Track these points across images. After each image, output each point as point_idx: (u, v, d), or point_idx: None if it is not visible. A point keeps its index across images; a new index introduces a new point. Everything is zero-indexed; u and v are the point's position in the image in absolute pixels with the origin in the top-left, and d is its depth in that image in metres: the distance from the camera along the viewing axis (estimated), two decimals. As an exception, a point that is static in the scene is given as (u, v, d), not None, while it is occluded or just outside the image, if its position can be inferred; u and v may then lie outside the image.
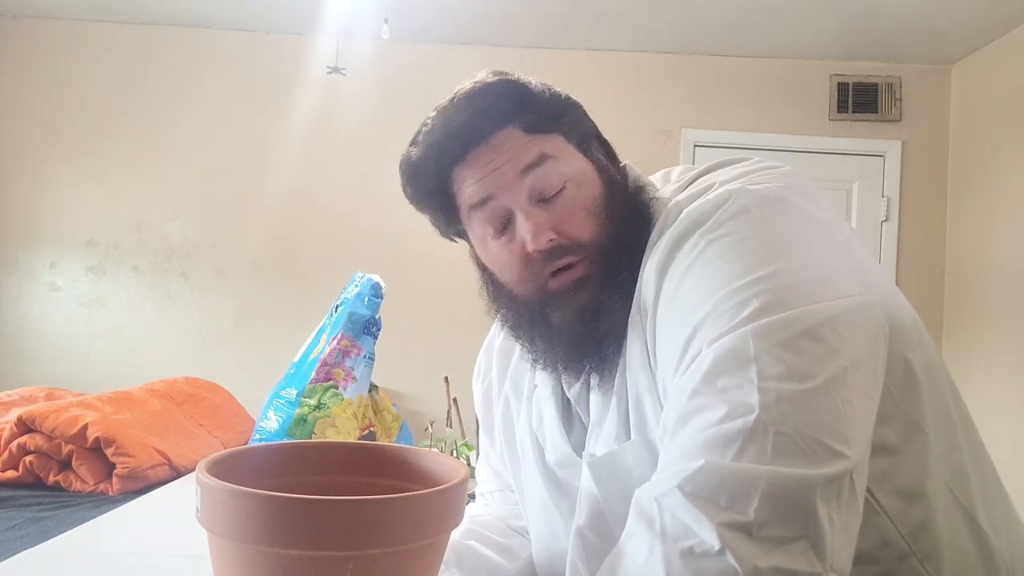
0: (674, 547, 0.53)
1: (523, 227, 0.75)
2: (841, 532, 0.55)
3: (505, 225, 0.77)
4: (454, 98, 0.78)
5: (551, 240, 0.74)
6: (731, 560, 0.51)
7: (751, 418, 0.56)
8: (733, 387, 0.58)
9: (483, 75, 0.79)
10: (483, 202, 0.77)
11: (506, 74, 0.79)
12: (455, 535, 0.92)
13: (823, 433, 0.56)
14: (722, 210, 0.68)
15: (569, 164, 0.78)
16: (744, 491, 0.53)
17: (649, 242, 0.75)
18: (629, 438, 0.73)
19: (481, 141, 0.76)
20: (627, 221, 0.76)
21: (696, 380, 0.60)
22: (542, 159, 0.76)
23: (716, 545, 0.52)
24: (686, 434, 0.59)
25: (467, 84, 0.79)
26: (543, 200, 0.76)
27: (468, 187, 0.77)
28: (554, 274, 0.76)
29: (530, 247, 0.75)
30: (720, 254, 0.66)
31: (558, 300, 0.76)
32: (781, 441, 0.55)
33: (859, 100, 3.52)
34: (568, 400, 0.85)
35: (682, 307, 0.66)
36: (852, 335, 0.61)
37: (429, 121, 0.79)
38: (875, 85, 3.52)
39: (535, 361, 0.83)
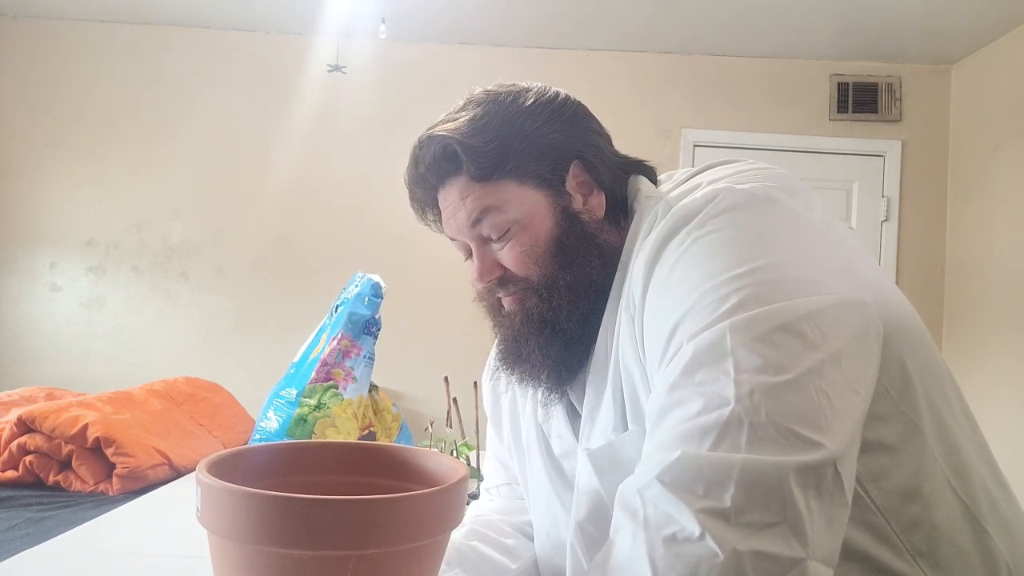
0: (657, 535, 0.54)
1: (473, 266, 0.85)
2: (822, 521, 0.55)
3: (469, 254, 0.86)
4: (415, 144, 0.85)
5: (493, 279, 0.84)
6: (712, 544, 0.52)
7: (726, 410, 0.57)
8: (710, 380, 0.59)
9: (424, 133, 0.84)
10: (451, 238, 0.87)
11: (443, 129, 0.82)
12: (458, 535, 0.92)
13: (797, 423, 0.56)
14: (709, 207, 0.70)
15: (515, 210, 0.82)
16: (719, 479, 0.54)
17: (638, 238, 0.77)
18: (627, 429, 0.75)
19: (440, 187, 0.85)
20: (577, 256, 0.81)
21: (675, 374, 0.62)
22: (484, 212, 0.82)
23: (696, 531, 0.53)
24: (665, 427, 0.60)
25: (419, 136, 0.85)
26: (492, 240, 0.83)
27: (441, 221, 0.87)
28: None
29: (476, 285, 0.86)
30: (705, 250, 0.67)
31: (506, 319, 0.85)
32: (755, 431, 0.56)
33: (859, 100, 3.52)
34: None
35: (667, 302, 0.68)
36: (833, 331, 0.62)
37: (410, 154, 0.86)
38: (875, 85, 3.52)
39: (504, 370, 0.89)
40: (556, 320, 0.81)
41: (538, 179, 0.82)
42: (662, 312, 0.68)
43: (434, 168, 0.83)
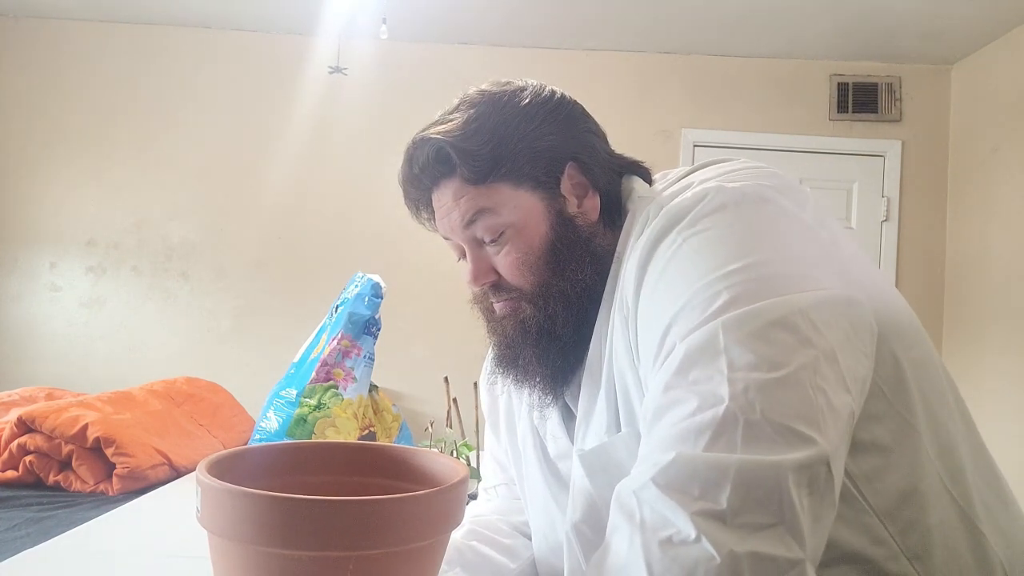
0: (653, 538, 0.54)
1: (466, 267, 0.84)
2: (811, 519, 0.55)
3: (463, 254, 0.85)
4: (409, 145, 0.84)
5: (487, 283, 0.83)
6: (708, 547, 0.51)
7: (721, 408, 0.56)
8: (704, 379, 0.59)
9: (417, 134, 0.82)
10: (445, 237, 0.86)
11: (437, 131, 0.80)
12: (457, 535, 0.92)
13: (792, 419, 0.56)
14: (699, 207, 0.70)
15: (510, 213, 0.80)
16: (715, 480, 0.54)
17: (631, 239, 0.77)
18: (620, 431, 0.74)
19: (434, 187, 0.83)
20: (571, 262, 0.80)
21: (669, 374, 0.61)
22: (478, 214, 0.80)
23: (692, 533, 0.52)
24: (660, 428, 0.60)
25: (413, 137, 0.83)
26: (486, 243, 0.82)
27: (435, 221, 0.86)
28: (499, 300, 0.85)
29: (470, 287, 0.85)
30: (696, 249, 0.67)
31: (499, 324, 0.85)
32: (750, 429, 0.55)
33: (859, 100, 3.52)
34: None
35: (659, 303, 0.67)
36: (827, 326, 0.61)
37: (404, 155, 0.85)
38: (875, 85, 3.53)
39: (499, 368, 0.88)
40: (552, 328, 0.80)
41: (533, 182, 0.81)
42: (655, 313, 0.67)
43: (427, 170, 0.82)
